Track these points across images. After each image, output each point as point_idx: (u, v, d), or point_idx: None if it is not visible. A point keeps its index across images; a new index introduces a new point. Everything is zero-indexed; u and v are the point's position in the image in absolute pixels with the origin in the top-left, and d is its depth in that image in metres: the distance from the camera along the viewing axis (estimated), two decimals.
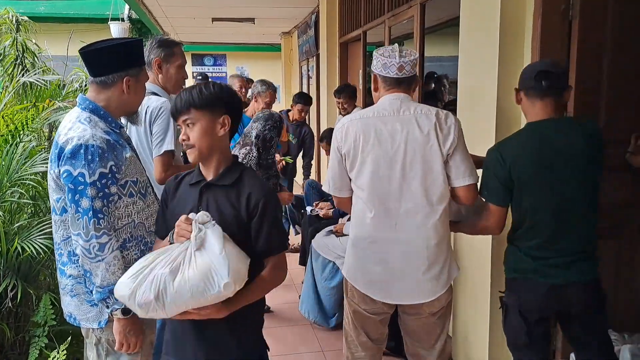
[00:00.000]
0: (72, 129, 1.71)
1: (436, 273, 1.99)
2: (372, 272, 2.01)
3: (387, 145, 1.96)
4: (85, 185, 1.65)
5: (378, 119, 1.99)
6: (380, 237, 1.98)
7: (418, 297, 2.01)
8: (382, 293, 2.02)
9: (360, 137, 1.97)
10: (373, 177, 1.96)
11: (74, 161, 1.65)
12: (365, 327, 2.10)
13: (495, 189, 1.98)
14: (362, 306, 2.07)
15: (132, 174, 1.80)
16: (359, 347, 2.13)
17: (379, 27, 4.83)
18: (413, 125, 1.96)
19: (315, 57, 7.49)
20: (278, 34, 10.24)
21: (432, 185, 1.96)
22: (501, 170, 1.95)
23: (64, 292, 1.82)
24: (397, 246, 1.97)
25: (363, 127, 1.98)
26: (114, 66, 1.77)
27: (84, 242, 1.66)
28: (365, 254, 2.02)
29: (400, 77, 2.01)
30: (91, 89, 1.81)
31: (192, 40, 11.74)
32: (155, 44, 2.45)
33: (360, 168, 1.98)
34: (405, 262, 1.98)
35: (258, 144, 2.98)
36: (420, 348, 2.14)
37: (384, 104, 2.02)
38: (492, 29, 2.54)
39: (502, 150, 1.97)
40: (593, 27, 2.41)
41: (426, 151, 1.95)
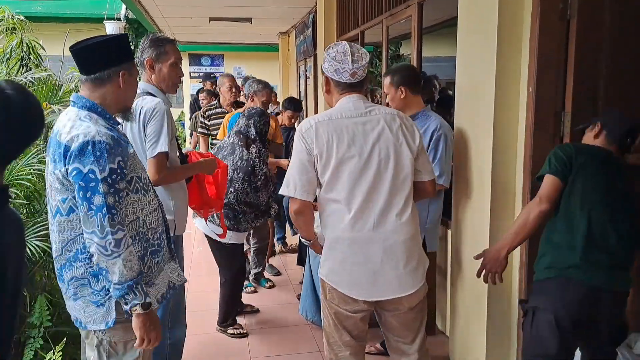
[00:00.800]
0: (75, 127, 1.69)
1: (414, 266, 2.04)
2: (354, 273, 2.02)
3: (362, 145, 1.99)
4: (97, 182, 1.63)
5: (348, 119, 2.02)
6: (359, 237, 2.00)
7: (399, 291, 2.03)
8: (365, 292, 2.03)
9: (333, 137, 1.98)
10: (350, 178, 1.98)
11: (83, 158, 1.63)
12: (347, 326, 2.12)
13: (558, 161, 2.02)
14: (342, 307, 2.08)
15: (136, 169, 1.80)
16: (343, 347, 2.14)
17: (376, 27, 4.84)
18: (383, 125, 2.02)
19: (313, 57, 7.49)
20: (275, 34, 10.24)
21: (403, 183, 2.02)
22: (569, 150, 2.04)
23: (67, 297, 1.80)
24: (377, 244, 2.00)
25: (335, 128, 1.99)
26: (108, 61, 1.75)
27: (99, 240, 1.63)
28: (345, 256, 2.03)
29: (352, 82, 2.05)
30: (85, 87, 1.79)
31: (189, 40, 11.73)
32: (147, 44, 2.41)
33: (335, 170, 1.98)
34: (386, 259, 2.00)
35: (260, 139, 3.23)
36: (401, 343, 2.16)
37: (347, 105, 2.05)
38: (490, 29, 2.54)
39: (572, 143, 2.19)
40: (591, 27, 2.41)
41: (397, 149, 2.01)
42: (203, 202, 2.73)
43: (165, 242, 1.95)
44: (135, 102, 2.25)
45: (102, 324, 1.75)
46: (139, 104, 2.30)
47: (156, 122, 2.30)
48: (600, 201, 1.98)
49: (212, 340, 3.50)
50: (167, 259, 1.95)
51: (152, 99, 2.36)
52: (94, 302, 1.75)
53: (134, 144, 2.33)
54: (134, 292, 1.68)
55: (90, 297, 1.75)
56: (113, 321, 1.74)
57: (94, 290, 1.74)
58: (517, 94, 2.55)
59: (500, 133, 2.57)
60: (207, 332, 3.60)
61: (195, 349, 3.31)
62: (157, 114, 2.30)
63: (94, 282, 1.73)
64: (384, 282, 2.02)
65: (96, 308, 1.75)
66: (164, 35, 2.52)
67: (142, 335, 1.74)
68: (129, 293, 1.67)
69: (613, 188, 2.02)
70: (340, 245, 2.04)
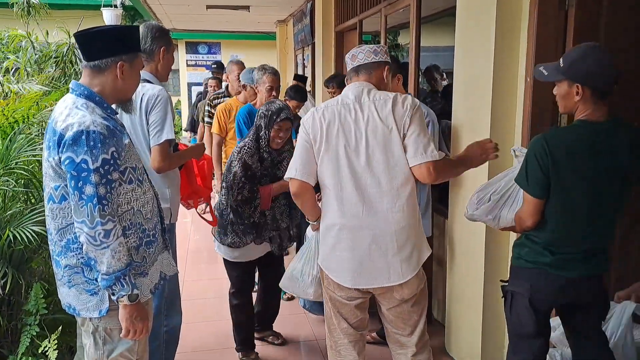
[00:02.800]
0: (71, 115, 1.68)
1: (406, 255, 2.03)
2: (342, 259, 2.04)
3: (351, 133, 2.02)
4: (89, 172, 1.63)
5: (342, 106, 2.06)
6: (349, 224, 2.02)
7: (389, 279, 2.03)
8: (350, 279, 2.05)
9: (325, 125, 2.04)
10: (339, 165, 2.01)
11: (76, 147, 1.63)
12: (343, 314, 2.14)
13: (537, 180, 1.89)
14: (337, 293, 2.11)
15: (131, 160, 1.79)
16: (341, 334, 2.17)
17: (375, 16, 4.80)
18: (372, 112, 2.03)
19: (311, 46, 7.45)
20: (273, 22, 10.18)
21: (394, 170, 2.00)
22: (546, 160, 1.86)
23: (61, 283, 1.80)
24: (366, 232, 2.01)
25: (328, 115, 2.05)
26: (108, 50, 1.75)
27: (88, 230, 1.64)
28: (334, 242, 2.06)
29: (354, 65, 2.13)
30: (85, 73, 1.79)
31: (186, 27, 11.66)
32: (158, 34, 2.45)
33: (325, 156, 2.03)
34: (375, 247, 2.01)
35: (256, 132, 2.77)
36: (399, 336, 2.17)
37: (347, 93, 2.11)
38: (489, 19, 2.53)
39: (550, 143, 1.88)
40: (589, 17, 2.40)
41: (386, 136, 2.00)
42: (192, 191, 2.75)
43: (160, 232, 1.95)
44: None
45: (96, 312, 1.76)
46: (140, 91, 2.29)
47: (160, 110, 2.32)
48: (583, 213, 1.91)
49: (207, 328, 3.51)
50: (160, 250, 1.95)
51: (153, 86, 2.37)
52: (87, 290, 1.75)
53: (134, 132, 2.33)
54: (121, 283, 1.68)
55: (84, 286, 1.75)
56: (106, 309, 1.75)
57: (87, 278, 1.75)
58: (515, 84, 2.55)
59: (498, 123, 2.57)
60: (203, 321, 3.62)
61: (192, 337, 3.33)
62: (160, 101, 2.32)
63: (87, 270, 1.74)
64: (372, 271, 2.02)
65: (90, 296, 1.76)
66: (162, 25, 2.57)
67: (128, 326, 1.75)
68: (116, 284, 1.68)
69: (599, 179, 1.88)
70: (331, 231, 2.07)
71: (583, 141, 1.86)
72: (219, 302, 3.86)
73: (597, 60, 1.85)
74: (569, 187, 1.89)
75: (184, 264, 4.72)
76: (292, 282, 2.59)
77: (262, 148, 2.74)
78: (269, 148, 2.75)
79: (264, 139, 2.73)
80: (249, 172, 2.70)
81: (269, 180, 2.78)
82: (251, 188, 2.70)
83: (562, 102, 1.95)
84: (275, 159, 2.80)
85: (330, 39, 6.27)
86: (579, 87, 1.86)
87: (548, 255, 1.96)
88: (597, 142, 1.86)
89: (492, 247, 2.68)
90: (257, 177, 2.74)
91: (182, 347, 2.80)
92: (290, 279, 2.61)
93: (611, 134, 1.88)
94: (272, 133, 2.72)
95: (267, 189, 2.75)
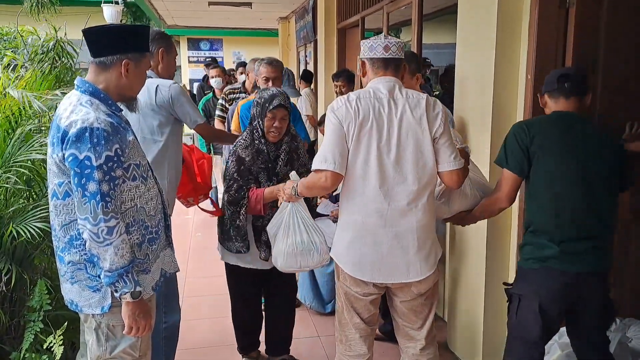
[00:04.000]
0: (74, 111, 1.69)
1: (425, 253, 2.04)
2: (362, 254, 2.03)
3: (383, 128, 1.97)
4: (92, 169, 1.63)
5: (376, 99, 2.00)
6: (371, 219, 2.00)
7: (407, 276, 2.03)
8: (371, 274, 2.04)
9: (360, 116, 1.96)
10: (368, 159, 1.97)
11: (80, 144, 1.64)
12: (357, 309, 2.14)
13: (514, 154, 2.01)
14: (353, 289, 2.09)
15: (135, 157, 1.79)
16: (353, 329, 2.16)
17: (377, 13, 4.81)
18: (406, 109, 1.99)
19: (313, 42, 7.44)
20: (275, 19, 10.17)
21: (422, 169, 1.99)
22: (524, 138, 2.00)
23: (64, 279, 1.81)
24: (389, 228, 1.99)
25: (362, 107, 1.98)
26: (114, 47, 1.75)
27: (92, 227, 1.65)
28: (353, 236, 2.04)
29: (386, 57, 2.03)
30: (91, 70, 1.79)
31: (188, 24, 11.65)
32: (157, 36, 2.56)
33: (354, 149, 1.97)
34: (396, 243, 2.00)
35: (251, 122, 2.58)
36: (409, 329, 2.17)
37: (378, 86, 2.03)
38: (490, 17, 2.53)
39: (527, 123, 2.07)
40: (590, 16, 2.41)
41: (418, 135, 1.98)
42: (192, 188, 2.77)
43: (164, 229, 1.96)
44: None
45: (98, 309, 1.77)
46: (153, 82, 2.44)
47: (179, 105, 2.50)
48: (573, 184, 1.95)
49: (209, 325, 3.53)
50: (163, 246, 1.96)
51: (165, 80, 2.53)
52: (90, 286, 1.76)
53: (138, 126, 2.39)
54: (124, 280, 1.69)
55: (86, 282, 1.76)
56: (109, 306, 1.76)
57: (90, 275, 1.76)
58: (516, 81, 2.55)
59: (499, 120, 2.57)
60: (204, 318, 3.64)
61: (193, 334, 3.35)
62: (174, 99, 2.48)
63: (90, 267, 1.75)
64: (392, 267, 2.02)
65: (92, 293, 1.77)
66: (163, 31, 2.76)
67: (130, 323, 1.75)
68: (119, 281, 1.68)
69: (585, 164, 1.96)
70: (351, 225, 2.04)
71: (557, 123, 2.03)
72: (221, 299, 3.88)
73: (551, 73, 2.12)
74: (550, 160, 1.96)
75: (185, 261, 4.74)
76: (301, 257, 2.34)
77: (257, 140, 2.53)
78: (265, 140, 2.53)
79: (259, 130, 2.52)
80: (242, 167, 2.51)
81: (265, 176, 2.54)
82: (240, 187, 2.50)
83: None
84: (273, 153, 2.56)
85: (333, 36, 6.27)
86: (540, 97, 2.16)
87: (553, 246, 1.96)
88: (571, 127, 2.01)
89: (493, 244, 2.69)
90: (253, 173, 2.53)
91: (184, 344, 2.82)
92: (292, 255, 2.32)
93: (586, 123, 2.05)
94: (265, 122, 2.49)
95: (256, 193, 2.50)
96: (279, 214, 2.33)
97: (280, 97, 2.51)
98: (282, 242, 2.31)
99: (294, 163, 2.62)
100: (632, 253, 2.70)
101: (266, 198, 2.49)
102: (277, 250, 2.33)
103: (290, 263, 2.33)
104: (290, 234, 2.29)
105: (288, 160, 2.59)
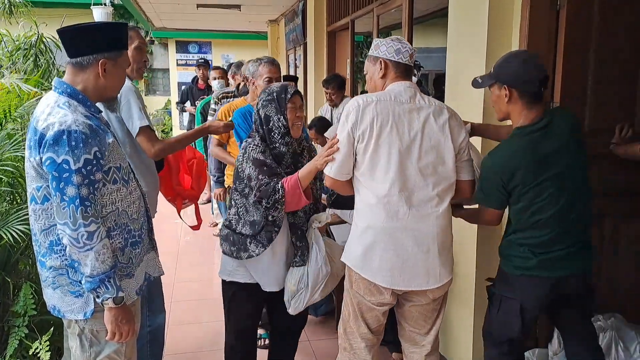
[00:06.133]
0: (52, 114, 1.65)
1: (444, 259, 2.02)
2: (383, 259, 1.97)
3: (405, 132, 1.93)
4: (71, 173, 1.59)
5: (396, 104, 1.95)
6: (393, 225, 1.95)
7: (427, 283, 2.00)
8: (391, 280, 1.98)
9: (378, 120, 1.92)
10: (388, 164, 1.93)
11: (57, 148, 1.59)
12: (367, 319, 2.09)
13: (494, 196, 2.01)
14: (367, 298, 2.04)
15: (115, 159, 1.75)
16: (359, 338, 2.11)
17: (367, 16, 4.80)
18: (429, 116, 1.97)
19: (303, 45, 7.43)
20: (265, 21, 10.15)
21: (442, 177, 1.98)
22: (499, 180, 1.97)
23: (46, 284, 1.77)
24: (409, 233, 1.96)
25: (381, 110, 1.93)
26: (90, 47, 1.71)
27: (71, 232, 1.61)
28: (372, 242, 1.97)
29: (410, 64, 2.02)
30: (68, 71, 1.75)
31: (177, 27, 11.59)
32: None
33: (373, 153, 1.93)
34: (417, 249, 1.97)
35: (258, 129, 2.25)
36: (416, 334, 2.15)
37: (399, 90, 1.99)
38: (481, 19, 2.53)
39: (495, 162, 1.99)
40: (580, 17, 2.42)
41: (441, 143, 1.96)
42: (175, 193, 2.68)
43: (147, 232, 1.92)
44: None
45: (80, 314, 1.73)
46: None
47: (124, 104, 2.28)
48: (552, 205, 1.95)
49: (195, 330, 3.49)
50: (147, 250, 1.93)
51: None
52: (72, 292, 1.73)
53: (121, 131, 2.30)
54: (105, 285, 1.65)
55: (68, 287, 1.72)
56: (92, 311, 1.72)
57: (72, 280, 1.72)
58: None
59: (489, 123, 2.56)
60: (191, 322, 3.59)
61: (181, 338, 3.30)
62: (121, 97, 2.27)
63: (71, 272, 1.71)
64: (412, 272, 1.98)
65: (74, 298, 1.73)
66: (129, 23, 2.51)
67: (113, 329, 1.72)
68: (100, 286, 1.65)
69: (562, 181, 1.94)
70: (370, 230, 1.97)
71: (525, 149, 1.95)
72: (209, 303, 3.84)
73: (520, 62, 1.95)
74: (529, 193, 1.95)
75: (174, 265, 4.69)
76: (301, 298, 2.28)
77: (278, 142, 2.20)
78: (290, 138, 2.22)
79: (280, 127, 2.19)
80: (264, 167, 2.14)
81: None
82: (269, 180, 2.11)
83: (496, 107, 2.06)
84: (296, 149, 2.28)
85: (322, 39, 6.26)
86: (507, 89, 1.96)
87: (533, 257, 1.99)
88: (538, 143, 1.94)
89: (484, 246, 2.68)
90: (279, 174, 2.16)
91: (173, 348, 2.78)
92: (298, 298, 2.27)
93: (550, 130, 1.96)
94: (288, 115, 2.19)
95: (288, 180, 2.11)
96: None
97: (289, 85, 2.28)
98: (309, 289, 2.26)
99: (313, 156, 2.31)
100: (621, 253, 2.71)
101: (303, 178, 2.11)
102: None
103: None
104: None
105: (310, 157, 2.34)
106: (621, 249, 2.71)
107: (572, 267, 2.00)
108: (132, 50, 2.37)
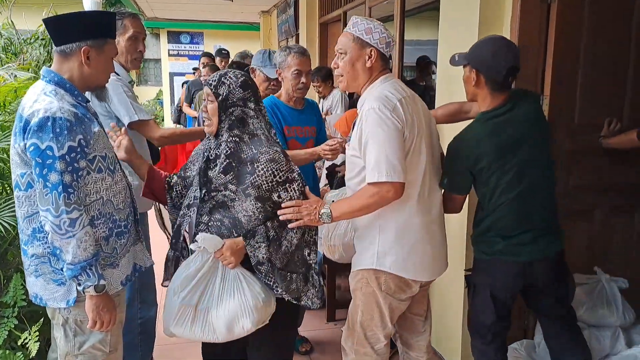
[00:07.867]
0: (37, 101, 1.64)
1: (446, 244, 2.12)
2: (424, 254, 1.97)
3: (423, 128, 1.93)
4: (54, 159, 1.59)
5: (411, 99, 1.93)
6: (426, 218, 1.97)
7: (446, 266, 2.10)
8: (431, 271, 2.04)
9: (415, 118, 1.88)
10: (420, 160, 1.92)
11: (41, 134, 1.59)
12: (393, 317, 2.06)
13: (458, 181, 2.05)
14: (397, 296, 2.00)
15: (100, 148, 1.74)
16: (382, 338, 2.06)
17: (359, 8, 4.79)
18: (426, 110, 2.02)
19: (295, 37, 7.40)
20: (257, 12, 10.09)
21: (439, 165, 2.07)
22: (463, 164, 2.00)
23: (28, 272, 1.77)
24: (435, 225, 2.01)
25: (412, 107, 1.89)
26: (72, 35, 1.70)
27: (53, 218, 1.60)
28: (418, 239, 1.95)
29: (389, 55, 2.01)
30: (55, 59, 1.75)
31: (168, 17, 11.49)
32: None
33: (412, 152, 1.88)
34: (441, 237, 2.06)
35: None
36: (418, 319, 2.19)
37: (400, 84, 1.97)
38: (472, 12, 2.53)
39: (460, 147, 2.01)
40: (571, 11, 2.43)
41: (435, 133, 2.05)
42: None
43: (133, 223, 1.92)
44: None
45: (63, 302, 1.73)
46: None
47: (114, 99, 2.24)
48: (514, 189, 1.98)
49: None
50: (133, 241, 1.92)
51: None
52: (54, 280, 1.73)
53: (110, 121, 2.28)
54: (87, 273, 1.65)
55: (51, 275, 1.73)
56: (74, 299, 1.72)
57: (54, 268, 1.72)
58: None
59: None
60: None
61: None
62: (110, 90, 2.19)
63: (54, 260, 1.71)
64: (440, 260, 2.06)
65: (57, 286, 1.73)
66: (125, 10, 2.43)
67: (94, 317, 1.72)
68: (81, 274, 1.65)
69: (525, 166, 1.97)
70: (409, 230, 1.94)
71: (489, 134, 1.97)
72: None
73: (491, 49, 1.95)
74: (493, 176, 1.98)
75: None
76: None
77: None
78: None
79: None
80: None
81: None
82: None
83: (466, 87, 2.08)
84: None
85: (315, 30, 6.24)
86: (474, 72, 1.98)
87: (499, 241, 2.03)
88: (501, 128, 1.96)
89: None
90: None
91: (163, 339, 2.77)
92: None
93: (513, 115, 1.98)
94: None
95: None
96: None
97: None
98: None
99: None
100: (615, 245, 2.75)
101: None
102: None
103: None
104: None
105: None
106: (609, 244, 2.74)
107: (539, 252, 2.03)
108: (126, 40, 2.32)
